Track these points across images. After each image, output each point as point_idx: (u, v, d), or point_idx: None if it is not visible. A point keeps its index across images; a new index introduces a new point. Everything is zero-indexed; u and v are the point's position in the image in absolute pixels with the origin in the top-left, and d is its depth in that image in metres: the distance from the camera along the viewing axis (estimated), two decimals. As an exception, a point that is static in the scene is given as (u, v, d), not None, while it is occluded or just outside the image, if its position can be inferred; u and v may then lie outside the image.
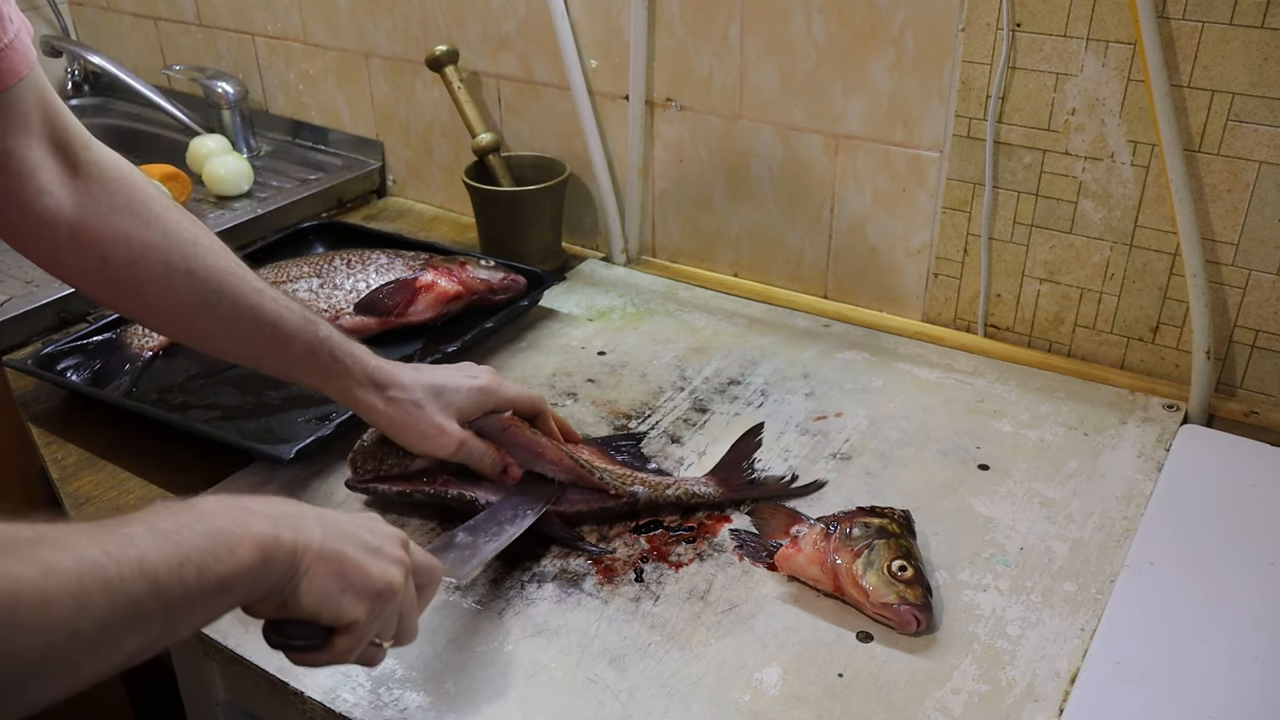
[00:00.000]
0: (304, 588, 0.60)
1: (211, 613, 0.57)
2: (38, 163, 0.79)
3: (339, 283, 1.21)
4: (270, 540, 0.58)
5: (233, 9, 1.66)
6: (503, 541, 0.86)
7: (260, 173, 1.58)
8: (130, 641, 0.51)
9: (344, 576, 0.62)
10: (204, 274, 0.84)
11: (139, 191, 0.84)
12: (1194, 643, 0.80)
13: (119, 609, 0.49)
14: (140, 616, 0.51)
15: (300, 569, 0.60)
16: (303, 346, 0.86)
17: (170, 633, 0.54)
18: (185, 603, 0.53)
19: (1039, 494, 0.96)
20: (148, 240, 0.82)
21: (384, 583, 0.65)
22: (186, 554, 0.53)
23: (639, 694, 0.77)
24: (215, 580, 0.54)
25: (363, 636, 0.65)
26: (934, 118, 1.14)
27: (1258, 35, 0.94)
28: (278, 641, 0.64)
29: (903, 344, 1.20)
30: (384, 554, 0.66)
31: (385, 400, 0.88)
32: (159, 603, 0.51)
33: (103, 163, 0.83)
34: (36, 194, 0.79)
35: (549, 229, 1.38)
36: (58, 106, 0.81)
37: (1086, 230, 1.10)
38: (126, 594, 0.50)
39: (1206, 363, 1.06)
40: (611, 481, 0.92)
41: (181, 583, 0.52)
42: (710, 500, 0.94)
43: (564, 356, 1.19)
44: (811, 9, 1.16)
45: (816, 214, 1.26)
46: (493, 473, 0.91)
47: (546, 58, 1.36)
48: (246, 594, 0.58)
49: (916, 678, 0.78)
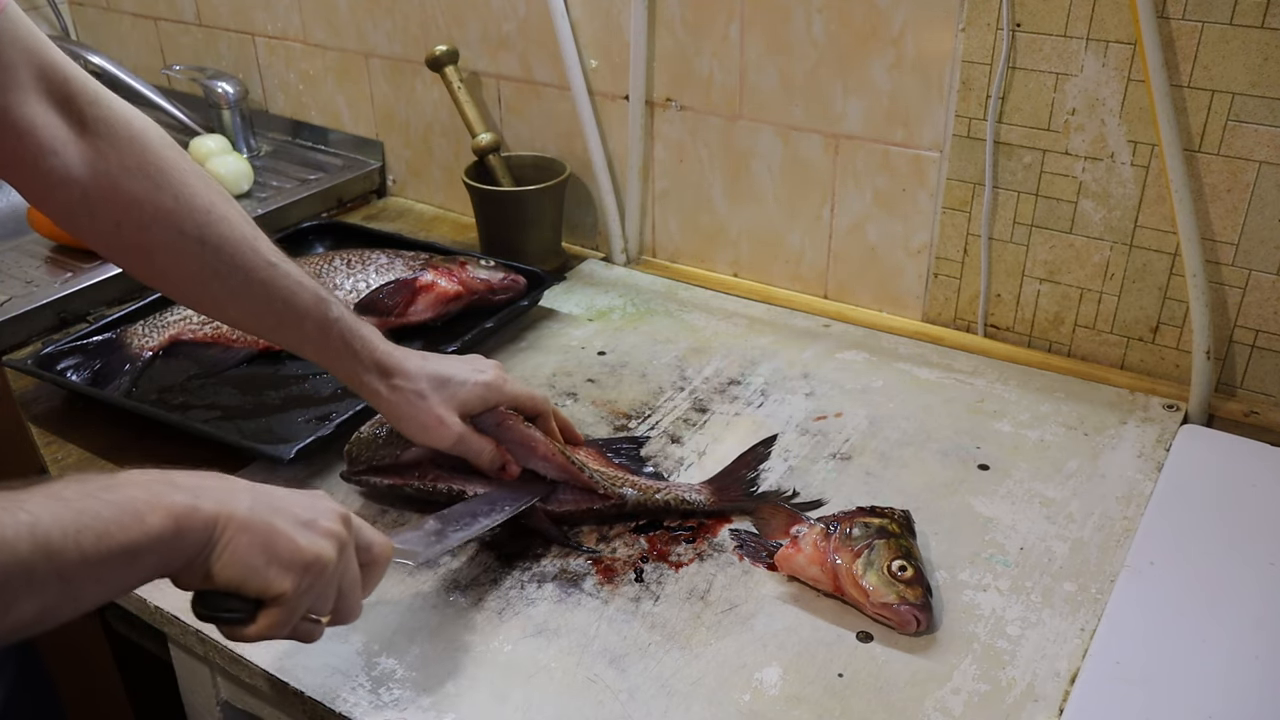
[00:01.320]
0: (225, 558, 0.60)
1: (119, 582, 0.56)
2: (36, 119, 0.74)
3: (339, 283, 1.21)
4: (186, 509, 0.58)
5: (233, 9, 1.66)
6: (472, 531, 0.85)
7: (260, 173, 1.58)
8: (24, 605, 0.50)
9: (271, 548, 0.62)
10: (216, 243, 0.81)
11: (151, 152, 0.79)
12: (1194, 643, 0.80)
13: (6, 570, 0.49)
14: (31, 580, 0.50)
15: (220, 539, 0.60)
16: (313, 325, 0.85)
17: (73, 600, 0.53)
18: (83, 569, 0.52)
19: (1039, 494, 0.96)
20: (159, 205, 0.79)
21: (313, 554, 0.64)
22: (86, 521, 0.53)
23: (639, 694, 0.77)
24: (118, 548, 0.54)
25: (293, 610, 0.64)
26: (934, 118, 1.14)
27: (1258, 35, 0.94)
28: (203, 614, 0.64)
29: (903, 344, 1.20)
30: (317, 527, 0.65)
31: (389, 387, 0.87)
32: (51, 567, 0.51)
33: (113, 119, 0.78)
34: (41, 153, 0.75)
35: (549, 229, 1.38)
36: (54, 59, 0.76)
37: (1086, 230, 1.10)
38: (14, 555, 0.49)
39: (1206, 363, 1.06)
40: (601, 481, 0.92)
41: (78, 549, 0.52)
42: (701, 508, 0.93)
43: (564, 356, 1.19)
44: (811, 9, 1.16)
45: (816, 214, 1.26)
46: (491, 468, 0.91)
47: (546, 58, 1.36)
48: (159, 564, 0.58)
49: (916, 678, 0.78)
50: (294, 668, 0.80)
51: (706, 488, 0.95)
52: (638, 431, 1.05)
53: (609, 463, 0.97)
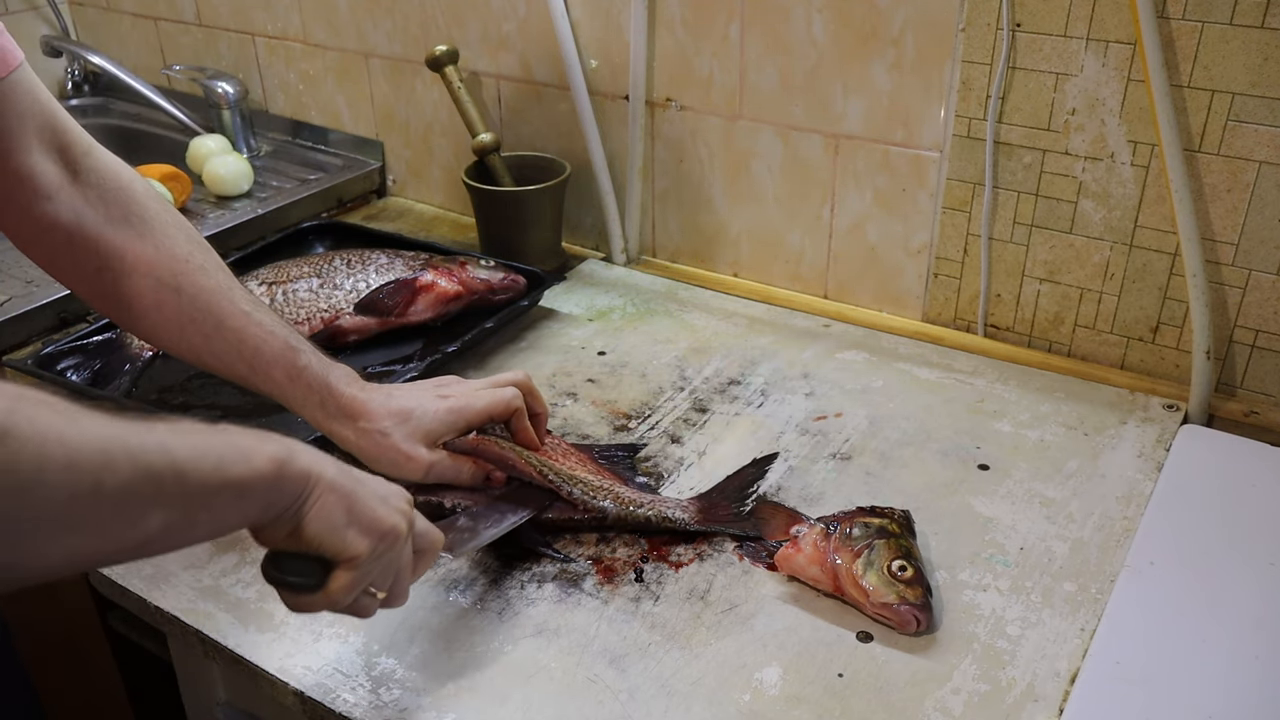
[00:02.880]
0: (313, 513, 0.63)
1: (228, 517, 0.59)
2: (35, 166, 0.80)
3: (339, 283, 1.21)
4: (285, 457, 0.60)
5: (233, 9, 1.66)
6: (503, 528, 0.87)
7: (260, 173, 1.58)
8: (152, 518, 0.52)
9: (352, 510, 0.65)
10: (192, 293, 0.85)
11: (137, 203, 0.85)
12: (1194, 643, 0.80)
13: (140, 475, 0.51)
14: (160, 493, 0.53)
15: (312, 493, 0.62)
16: (281, 373, 0.88)
17: (189, 524, 0.56)
18: (203, 494, 0.55)
19: (1039, 494, 0.96)
20: (140, 254, 0.84)
21: (389, 524, 0.67)
22: (204, 450, 0.56)
23: (639, 694, 0.77)
24: (231, 480, 0.57)
25: (362, 576, 0.66)
26: (934, 118, 1.14)
27: (1258, 35, 0.94)
28: (274, 576, 0.65)
29: (903, 344, 1.20)
30: (391, 502, 0.69)
31: (356, 431, 0.89)
32: (178, 485, 0.53)
33: (102, 170, 0.84)
34: (35, 198, 0.81)
35: (549, 229, 1.38)
36: (55, 111, 0.82)
37: (1086, 230, 1.10)
38: (148, 465, 0.52)
39: (1206, 363, 1.06)
40: (581, 496, 0.91)
41: (199, 472, 0.55)
42: (684, 527, 0.91)
43: (564, 356, 1.19)
44: (811, 9, 1.16)
45: (816, 214, 1.26)
46: (473, 484, 0.92)
47: (546, 58, 1.36)
48: (260, 506, 0.60)
49: (916, 678, 0.78)
50: (294, 668, 0.80)
51: (693, 504, 0.93)
52: (637, 431, 1.05)
53: (599, 469, 0.96)
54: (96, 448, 0.49)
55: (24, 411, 0.46)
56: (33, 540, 0.47)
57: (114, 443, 0.50)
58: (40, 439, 0.46)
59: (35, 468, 0.46)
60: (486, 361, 1.18)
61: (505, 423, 0.94)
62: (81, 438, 0.49)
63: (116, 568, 0.89)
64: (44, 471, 0.46)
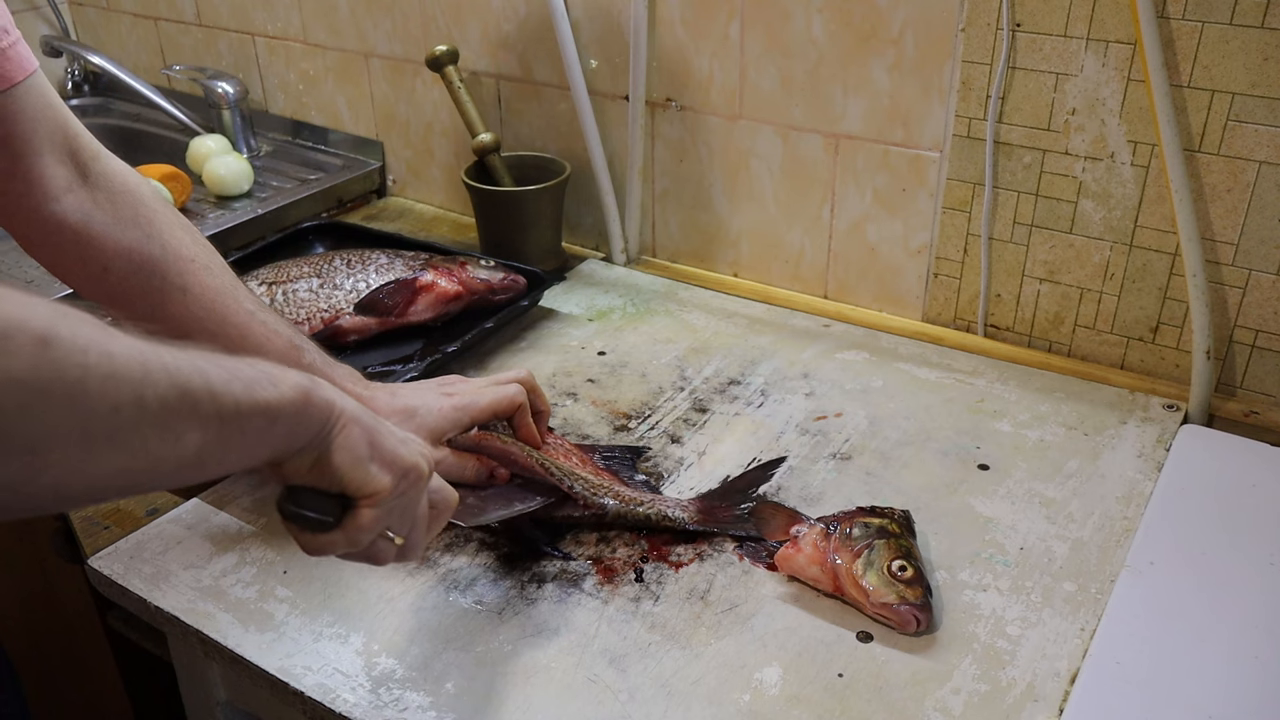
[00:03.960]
0: (338, 443, 0.63)
1: (257, 441, 0.58)
2: (46, 170, 0.82)
3: (339, 283, 1.21)
4: (309, 385, 0.61)
5: (233, 9, 1.66)
6: (510, 512, 0.88)
7: (260, 173, 1.58)
8: (189, 437, 0.52)
9: (375, 445, 0.65)
10: (198, 291, 0.87)
11: (144, 205, 0.87)
12: (1194, 643, 0.80)
13: (178, 391, 0.51)
14: (197, 410, 0.52)
15: (336, 424, 0.62)
16: None
17: (223, 448, 0.55)
18: (236, 416, 0.55)
19: (1039, 494, 0.96)
20: (147, 254, 0.86)
21: (411, 461, 0.67)
22: (235, 374, 0.56)
23: (639, 694, 0.77)
24: (261, 404, 0.57)
25: (382, 515, 0.66)
26: (934, 118, 1.14)
27: (1258, 35, 0.94)
28: (291, 511, 0.64)
29: (903, 344, 1.20)
30: (412, 444, 0.69)
31: None
32: (213, 404, 0.53)
33: (110, 174, 0.86)
34: (45, 200, 0.82)
35: (549, 229, 1.38)
36: (67, 116, 0.84)
37: (1086, 230, 1.10)
38: (185, 381, 0.52)
39: (1206, 363, 1.06)
40: (582, 492, 0.91)
41: (231, 393, 0.54)
42: (683, 526, 0.91)
43: (564, 356, 1.19)
44: (811, 9, 1.16)
45: (816, 214, 1.26)
46: (478, 481, 0.92)
47: (546, 58, 1.36)
48: (287, 434, 0.60)
49: (916, 678, 0.78)
50: (294, 668, 0.80)
51: (694, 504, 0.93)
52: (637, 431, 1.05)
53: (598, 470, 0.96)
54: (136, 361, 0.49)
55: (65, 323, 0.46)
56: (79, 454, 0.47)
57: (151, 358, 0.50)
58: (83, 348, 0.46)
59: (78, 376, 0.46)
60: (486, 361, 1.18)
61: (508, 420, 0.95)
62: (122, 350, 0.48)
63: (115, 565, 0.89)
64: (86, 380, 0.46)
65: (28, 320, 0.44)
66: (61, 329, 0.45)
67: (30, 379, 0.44)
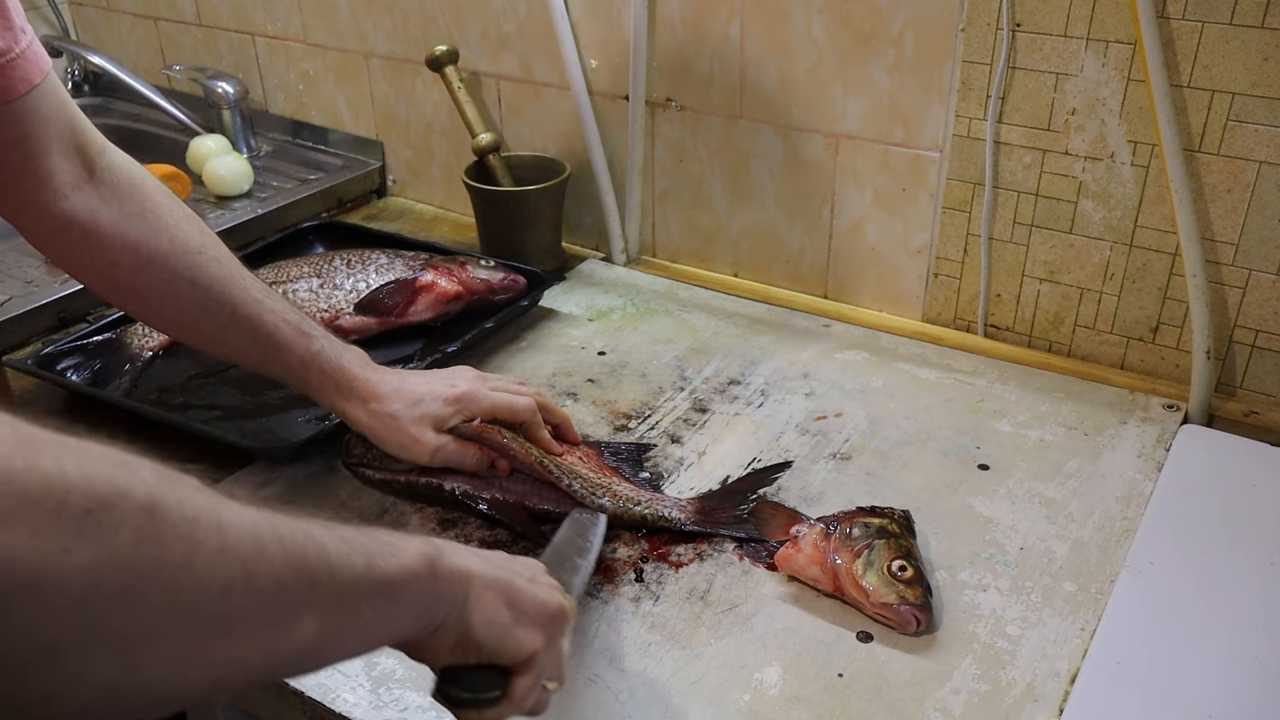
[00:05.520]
0: (478, 618, 0.57)
1: (380, 625, 0.51)
2: (56, 167, 0.82)
3: (339, 283, 1.21)
4: (434, 554, 0.54)
5: (233, 9, 1.66)
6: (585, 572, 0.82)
7: (260, 173, 1.58)
8: (305, 621, 0.45)
9: (516, 605, 0.59)
10: (206, 283, 0.87)
11: (150, 199, 0.87)
12: (1194, 643, 0.80)
13: (293, 569, 0.45)
14: (314, 590, 0.46)
15: (470, 593, 0.56)
16: (295, 359, 0.90)
17: (341, 633, 0.48)
18: (355, 595, 0.48)
19: (1039, 494, 0.96)
20: (155, 248, 0.86)
21: (556, 605, 0.62)
22: (353, 545, 0.49)
23: (639, 694, 0.77)
24: (382, 578, 0.50)
25: (541, 672, 0.61)
26: (934, 118, 1.14)
27: (1258, 35, 0.94)
28: (463, 698, 0.58)
29: (903, 344, 1.20)
30: (540, 580, 0.64)
31: (367, 413, 0.91)
32: (331, 582, 0.47)
33: (116, 168, 0.86)
34: (54, 197, 0.83)
35: (549, 229, 1.38)
36: (75, 112, 0.84)
37: (1086, 230, 1.10)
38: (299, 556, 0.45)
39: (1206, 363, 1.06)
40: (579, 490, 0.91)
41: (350, 569, 0.48)
42: (679, 526, 0.91)
43: (564, 356, 1.19)
44: (811, 9, 1.16)
45: (816, 214, 1.26)
46: (479, 470, 0.93)
47: (546, 58, 1.36)
48: (415, 611, 0.53)
49: (916, 678, 0.78)
50: (294, 668, 0.80)
51: (692, 505, 0.93)
52: (638, 431, 1.05)
53: (603, 466, 0.97)
54: (249, 533, 0.43)
55: (171, 488, 0.40)
56: (183, 646, 0.40)
57: (265, 529, 0.44)
58: (191, 518, 0.40)
59: (186, 552, 0.39)
60: (486, 361, 1.18)
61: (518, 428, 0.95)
62: (233, 520, 0.42)
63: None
64: (195, 556, 0.40)
65: (131, 486, 0.38)
66: (167, 495, 0.39)
67: (131, 557, 0.37)
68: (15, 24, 0.77)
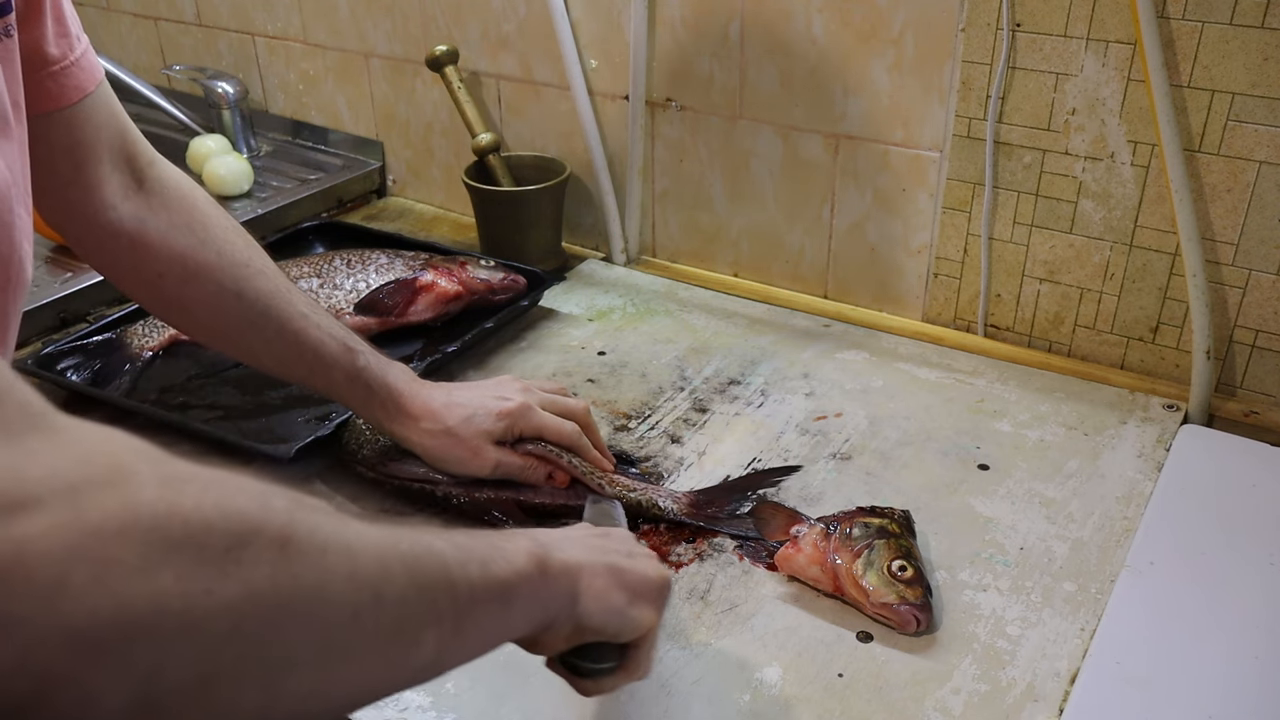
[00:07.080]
0: (591, 607, 0.58)
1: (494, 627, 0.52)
2: (105, 177, 0.82)
3: (339, 283, 1.21)
4: (541, 552, 0.55)
5: (233, 9, 1.66)
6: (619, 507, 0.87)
7: (260, 173, 1.58)
8: (427, 637, 0.45)
9: (626, 585, 0.60)
10: (252, 296, 0.86)
11: (199, 211, 0.87)
12: (1194, 643, 0.80)
13: (415, 585, 0.45)
14: (435, 606, 0.46)
15: (580, 587, 0.58)
16: (341, 374, 0.89)
17: (458, 643, 0.48)
18: (470, 603, 0.48)
19: (1039, 494, 0.96)
20: (202, 260, 0.85)
21: (660, 577, 0.64)
22: (467, 552, 0.49)
23: (639, 694, 0.76)
24: (496, 582, 0.50)
25: (655, 642, 0.63)
26: (934, 118, 1.14)
27: (1258, 35, 0.94)
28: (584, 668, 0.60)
29: (903, 344, 1.20)
30: (639, 551, 0.65)
31: (419, 432, 0.90)
32: (449, 593, 0.47)
33: (165, 179, 0.87)
34: (103, 207, 0.82)
35: (549, 229, 1.38)
36: (126, 122, 0.84)
37: (1086, 230, 1.10)
38: (422, 571, 0.45)
39: (1206, 363, 1.06)
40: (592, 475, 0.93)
41: (467, 578, 0.48)
42: (672, 516, 0.92)
43: (564, 356, 1.19)
44: (811, 9, 1.16)
45: (816, 214, 1.26)
46: (539, 482, 0.93)
47: (546, 58, 1.36)
48: (526, 611, 0.54)
49: (916, 678, 0.78)
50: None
51: (686, 497, 0.93)
52: (638, 431, 1.05)
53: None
54: (374, 555, 0.43)
55: (303, 516, 0.40)
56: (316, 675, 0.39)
57: (388, 549, 0.44)
58: (321, 547, 0.40)
59: (318, 582, 0.39)
60: (486, 361, 1.18)
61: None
62: (359, 544, 0.42)
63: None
64: (327, 586, 0.40)
65: (266, 520, 0.38)
66: (299, 526, 0.39)
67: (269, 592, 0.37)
68: (71, 31, 0.77)
